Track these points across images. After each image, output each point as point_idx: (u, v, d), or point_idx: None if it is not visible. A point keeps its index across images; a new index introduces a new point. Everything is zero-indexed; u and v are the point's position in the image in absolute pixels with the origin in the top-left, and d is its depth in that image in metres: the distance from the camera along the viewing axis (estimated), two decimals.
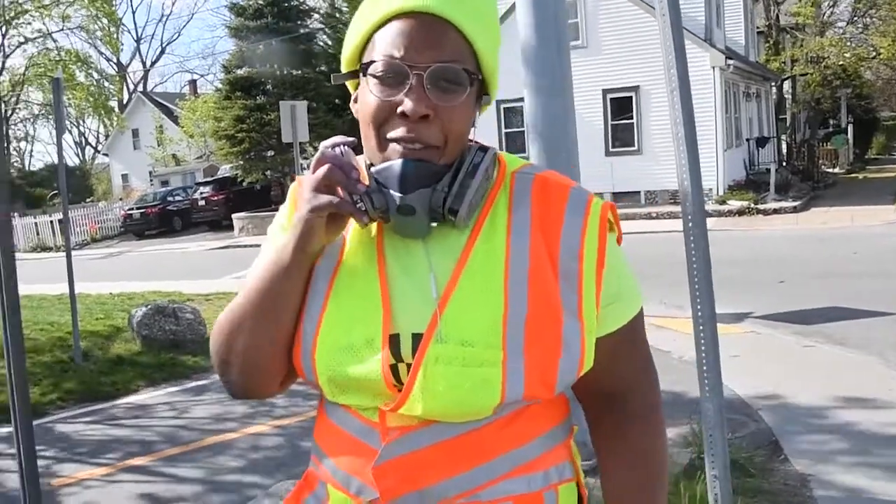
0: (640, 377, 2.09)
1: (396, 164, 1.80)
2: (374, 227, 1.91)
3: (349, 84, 2.02)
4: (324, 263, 1.92)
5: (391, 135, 1.83)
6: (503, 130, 31.98)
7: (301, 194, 1.84)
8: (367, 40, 1.89)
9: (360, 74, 1.88)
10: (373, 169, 1.85)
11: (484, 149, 1.90)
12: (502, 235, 1.87)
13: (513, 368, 1.77)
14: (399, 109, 1.79)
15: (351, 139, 1.90)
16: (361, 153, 1.96)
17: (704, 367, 4.47)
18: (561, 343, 1.82)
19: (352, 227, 1.93)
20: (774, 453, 7.10)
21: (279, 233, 2.04)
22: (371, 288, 1.87)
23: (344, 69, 1.99)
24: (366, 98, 1.86)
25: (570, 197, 1.93)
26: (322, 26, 45.00)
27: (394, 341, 1.83)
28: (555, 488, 1.95)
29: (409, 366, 1.81)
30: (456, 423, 1.82)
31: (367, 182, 1.85)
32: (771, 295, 13.87)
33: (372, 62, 1.84)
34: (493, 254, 1.85)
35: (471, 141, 1.95)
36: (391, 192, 1.80)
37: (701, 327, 4.46)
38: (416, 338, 1.82)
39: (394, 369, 1.82)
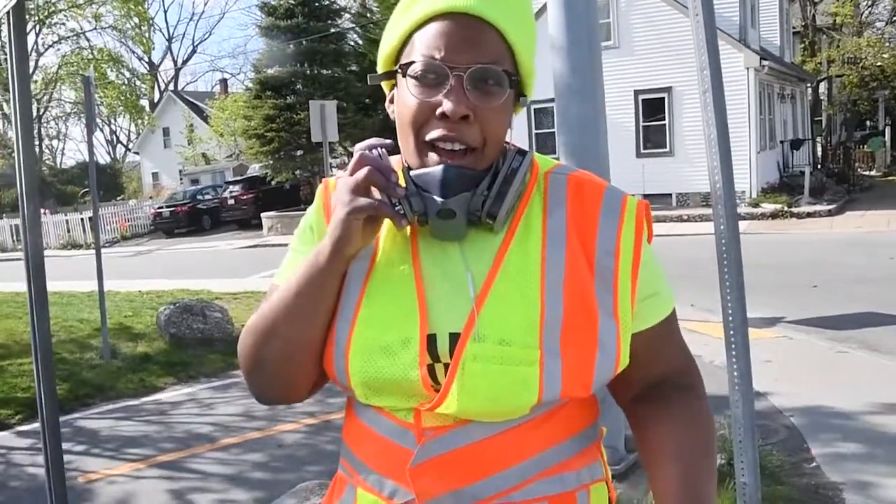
0: (678, 362, 2.08)
1: (437, 169, 1.80)
2: (407, 228, 1.88)
3: (385, 85, 2.01)
4: (356, 265, 1.90)
5: (430, 136, 1.82)
6: (534, 131, 31.93)
7: (337, 196, 1.82)
8: (406, 41, 1.88)
9: (399, 75, 1.87)
10: (412, 173, 1.84)
11: (522, 153, 1.90)
12: (538, 237, 1.87)
13: (550, 367, 1.76)
14: (438, 110, 1.79)
15: (388, 141, 1.89)
16: (397, 153, 1.95)
17: (735, 374, 4.41)
18: (597, 343, 1.81)
19: (385, 229, 1.92)
20: (805, 461, 7.02)
21: (307, 234, 2.05)
22: (406, 289, 1.85)
23: (380, 69, 1.97)
24: (405, 99, 1.85)
25: (604, 197, 1.93)
26: (353, 26, 45.04)
27: (431, 341, 1.81)
28: (587, 488, 1.94)
29: (446, 366, 1.80)
30: (491, 423, 1.81)
31: (403, 184, 1.83)
32: (804, 299, 13.79)
33: (411, 63, 1.83)
34: (529, 255, 1.85)
35: (507, 143, 1.93)
36: (431, 195, 1.80)
37: (732, 333, 4.40)
38: (454, 337, 1.80)
39: (430, 369, 1.81)
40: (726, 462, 6.42)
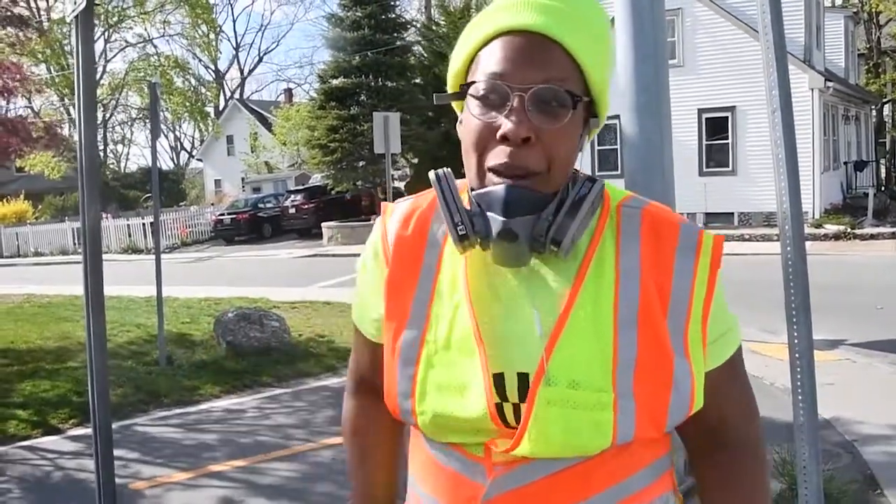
0: (740, 410, 2.01)
1: (500, 188, 1.72)
2: (462, 264, 1.86)
3: (455, 105, 1.95)
4: (419, 294, 1.88)
5: (491, 163, 1.75)
6: (596, 147, 31.85)
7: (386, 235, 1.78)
8: (472, 60, 1.83)
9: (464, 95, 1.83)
10: (474, 193, 1.79)
11: (592, 180, 1.81)
12: (611, 275, 1.79)
13: (623, 411, 1.72)
14: (499, 132, 1.71)
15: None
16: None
17: (800, 398, 4.32)
18: (671, 383, 1.76)
19: (448, 261, 1.89)
20: (870, 487, 6.90)
21: (371, 261, 2.02)
22: (466, 327, 1.81)
23: (449, 90, 1.92)
24: (467, 120, 1.80)
25: (680, 234, 1.84)
26: (418, 39, 45.14)
27: (498, 380, 1.77)
28: None
29: (514, 406, 1.77)
30: (563, 458, 1.77)
31: (468, 204, 1.80)
32: (867, 322, 13.63)
33: (473, 82, 1.78)
34: (602, 294, 1.78)
35: (576, 171, 1.86)
36: (493, 216, 1.72)
37: (797, 356, 4.31)
38: (522, 377, 1.76)
39: (498, 408, 1.77)
40: (787, 487, 6.33)
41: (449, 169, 1.84)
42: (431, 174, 1.85)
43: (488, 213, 1.73)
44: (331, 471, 8.07)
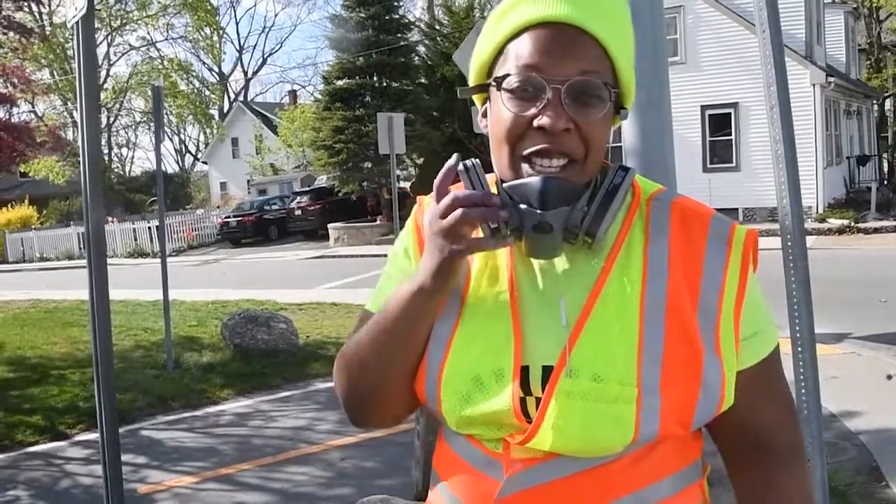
0: (778, 416, 1.94)
1: (536, 180, 1.69)
2: (504, 250, 1.83)
3: (476, 98, 1.93)
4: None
5: (528, 150, 1.73)
6: None
7: (428, 235, 1.73)
8: (499, 52, 1.80)
9: (495, 89, 1.79)
10: (506, 185, 1.74)
11: (624, 168, 1.79)
12: (638, 267, 1.77)
13: (647, 406, 1.67)
14: (536, 123, 1.70)
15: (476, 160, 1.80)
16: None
17: (803, 392, 4.34)
18: (700, 380, 1.71)
19: (480, 253, 1.84)
20: (875, 479, 6.89)
21: (401, 258, 2.00)
22: (502, 315, 1.78)
23: (472, 82, 1.89)
24: (499, 113, 1.77)
25: (711, 226, 1.82)
26: (422, 39, 45.11)
27: (524, 373, 1.74)
28: None
29: (538, 399, 1.72)
30: (582, 458, 1.72)
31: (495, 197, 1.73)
32: (872, 315, 13.60)
33: (507, 76, 1.75)
34: (629, 285, 1.75)
35: (604, 162, 1.83)
36: (527, 208, 1.69)
37: (800, 349, 4.33)
38: (547, 370, 1.72)
39: (522, 402, 1.73)
40: None
41: (477, 160, 1.77)
42: (460, 165, 1.78)
43: (522, 206, 1.69)
44: (341, 473, 8.10)
